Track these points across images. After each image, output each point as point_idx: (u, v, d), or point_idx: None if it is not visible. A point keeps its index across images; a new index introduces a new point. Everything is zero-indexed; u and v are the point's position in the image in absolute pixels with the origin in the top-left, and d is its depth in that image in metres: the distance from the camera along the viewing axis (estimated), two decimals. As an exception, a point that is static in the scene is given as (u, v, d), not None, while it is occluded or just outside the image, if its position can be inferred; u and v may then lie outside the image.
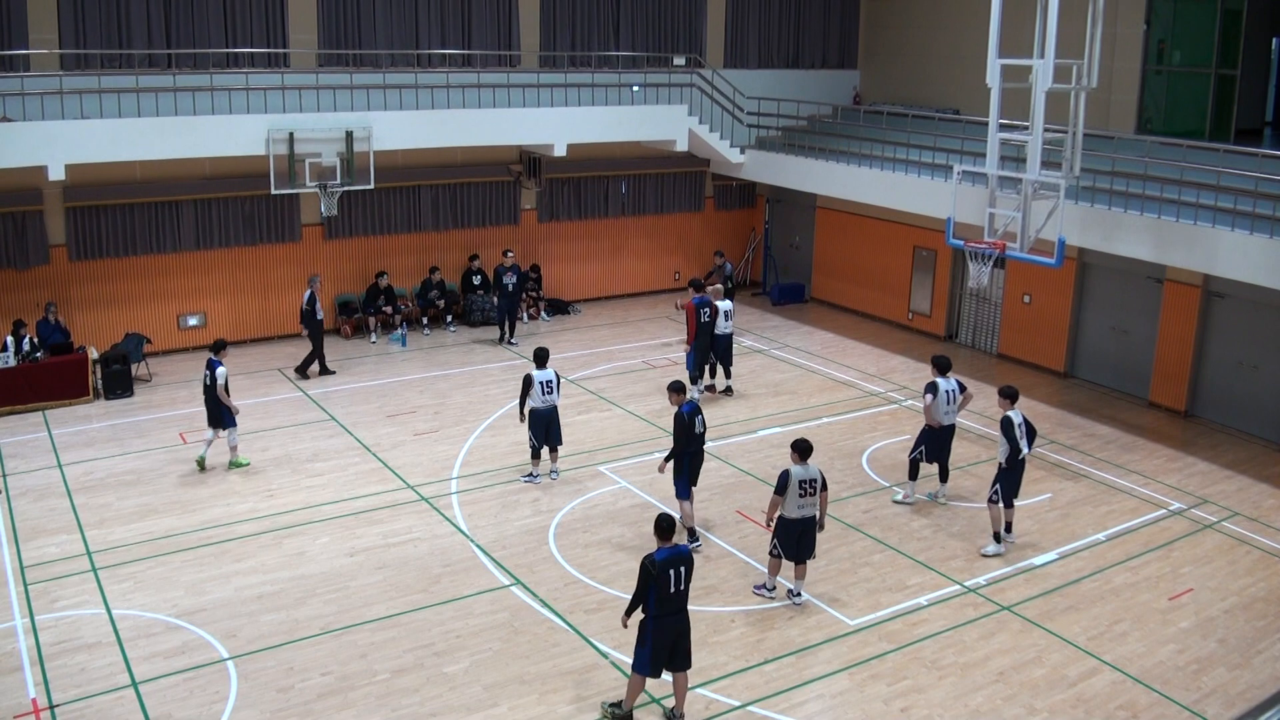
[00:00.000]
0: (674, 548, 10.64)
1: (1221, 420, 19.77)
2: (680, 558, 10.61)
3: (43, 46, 20.19)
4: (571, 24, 25.70)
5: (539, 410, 16.31)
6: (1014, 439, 14.31)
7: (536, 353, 16.65)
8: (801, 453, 12.99)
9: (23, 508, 15.58)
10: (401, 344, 23.57)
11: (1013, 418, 14.43)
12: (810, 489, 12.94)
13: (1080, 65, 17.57)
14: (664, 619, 10.61)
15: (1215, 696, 11.63)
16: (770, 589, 13.44)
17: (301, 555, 14.27)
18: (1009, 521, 14.76)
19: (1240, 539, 15.30)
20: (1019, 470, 14.55)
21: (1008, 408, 14.61)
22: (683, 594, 10.68)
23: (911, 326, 25.62)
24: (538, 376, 16.27)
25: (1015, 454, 14.38)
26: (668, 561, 10.49)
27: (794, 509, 12.91)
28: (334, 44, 22.94)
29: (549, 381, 16.31)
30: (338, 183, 21.34)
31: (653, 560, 10.47)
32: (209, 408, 16.81)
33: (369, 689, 11.45)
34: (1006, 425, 14.41)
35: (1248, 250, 17.07)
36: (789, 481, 12.84)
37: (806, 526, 13.07)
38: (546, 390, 16.27)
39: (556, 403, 16.46)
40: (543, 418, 16.37)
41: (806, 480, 12.91)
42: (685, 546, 10.87)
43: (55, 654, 11.96)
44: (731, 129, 27.14)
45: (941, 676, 11.90)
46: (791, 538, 13.04)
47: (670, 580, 10.48)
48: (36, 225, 20.87)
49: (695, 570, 13.81)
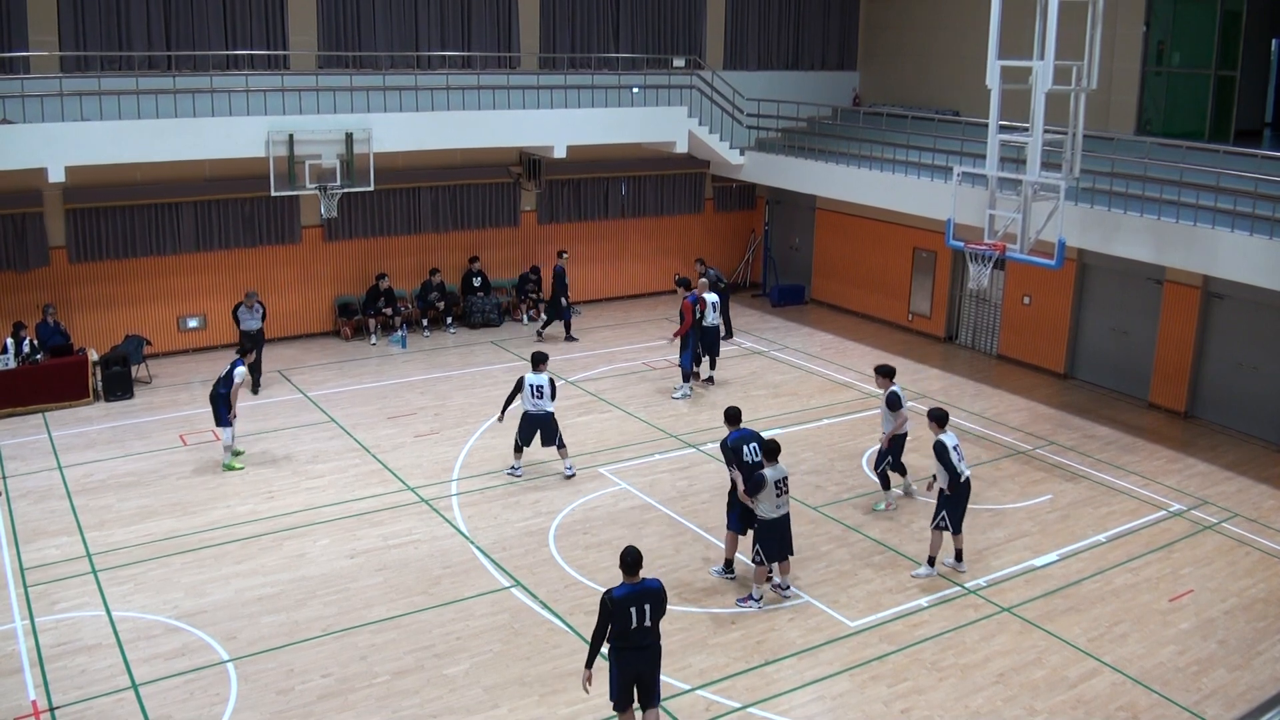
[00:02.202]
0: (639, 584, 9.95)
1: (1221, 421, 19.77)
2: (645, 594, 9.91)
3: (43, 48, 20.20)
4: (571, 25, 25.71)
5: (529, 413, 16.38)
6: (951, 464, 13.59)
7: (533, 356, 16.67)
8: (770, 454, 12.91)
9: (23, 509, 15.57)
10: (402, 346, 23.57)
11: (946, 441, 13.69)
12: (784, 487, 12.91)
13: (1080, 66, 17.57)
14: (625, 652, 9.98)
15: (1215, 698, 11.63)
16: (758, 599, 13.18)
17: (302, 557, 14.27)
18: (959, 549, 14.15)
19: (1240, 540, 15.30)
20: (964, 494, 13.81)
21: (938, 432, 13.86)
22: (647, 630, 9.96)
23: (911, 328, 25.62)
24: (529, 380, 16.32)
25: (956, 478, 13.64)
26: (628, 599, 9.83)
27: (772, 509, 12.85)
28: (334, 46, 22.95)
29: (539, 386, 16.32)
30: (338, 184, 21.33)
31: (610, 596, 9.83)
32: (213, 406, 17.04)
33: (369, 691, 11.45)
34: (940, 451, 13.65)
35: (1247, 251, 17.07)
36: (765, 483, 12.73)
37: (787, 524, 13.08)
38: (536, 394, 16.29)
39: (548, 409, 16.40)
40: (531, 421, 16.41)
41: (781, 479, 12.86)
42: (654, 582, 10.07)
43: (55, 656, 11.96)
44: (731, 130, 27.14)
45: (942, 678, 11.90)
46: (774, 538, 12.98)
47: (632, 617, 9.82)
48: (36, 227, 20.87)
49: (696, 573, 13.89)
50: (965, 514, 14.00)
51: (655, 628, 10.05)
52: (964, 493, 13.80)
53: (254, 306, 20.64)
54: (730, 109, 27.20)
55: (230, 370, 16.76)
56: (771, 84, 28.13)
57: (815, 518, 15.64)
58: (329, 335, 24.25)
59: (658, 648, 10.19)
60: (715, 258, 29.11)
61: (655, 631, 10.09)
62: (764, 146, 27.19)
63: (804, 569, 14.13)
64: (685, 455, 17.80)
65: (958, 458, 13.67)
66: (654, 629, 10.04)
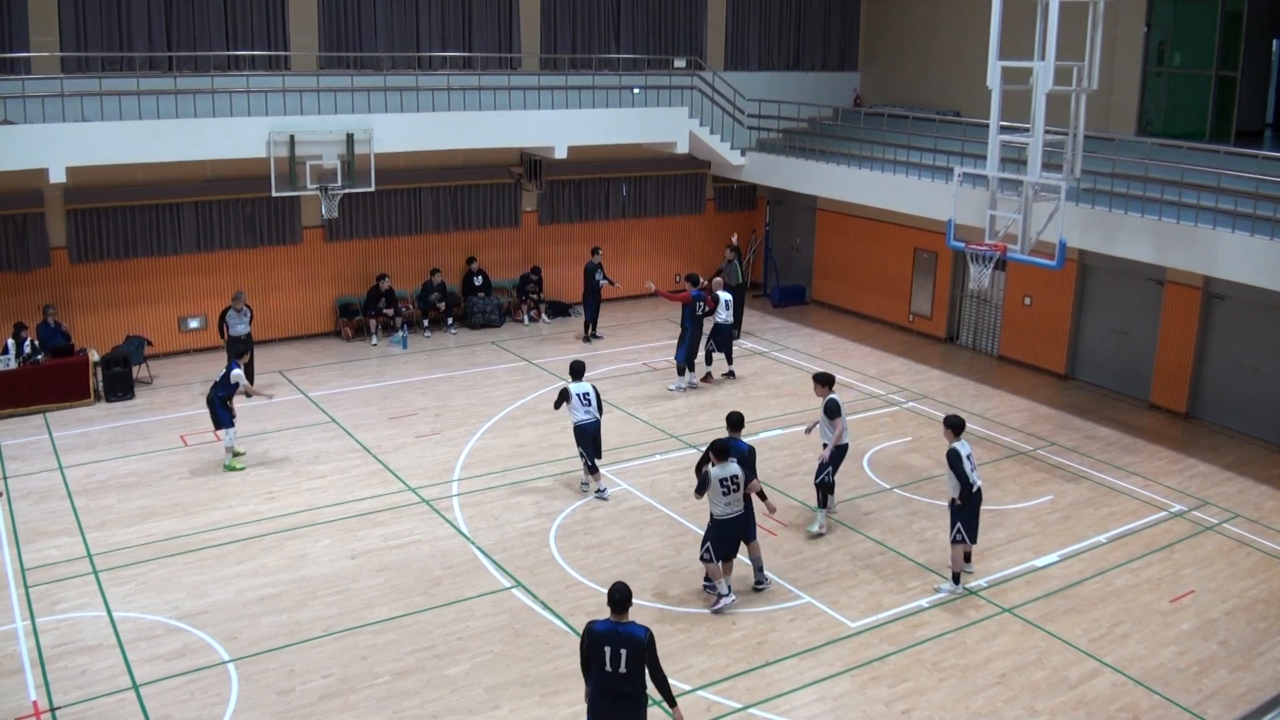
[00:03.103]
0: (620, 625, 9.13)
1: (1222, 422, 19.76)
2: (623, 638, 9.03)
3: (44, 49, 20.20)
4: (572, 26, 25.71)
5: (584, 425, 15.92)
6: (963, 473, 13.22)
7: (572, 366, 16.40)
8: (719, 453, 12.78)
9: (24, 510, 15.58)
10: (402, 346, 23.57)
11: (960, 450, 13.30)
12: (733, 485, 12.74)
13: (1081, 67, 17.58)
14: (599, 696, 9.20)
15: (1216, 698, 11.63)
16: (725, 593, 13.12)
17: (303, 557, 14.28)
18: (968, 553, 13.90)
19: (1241, 541, 15.29)
20: (977, 503, 13.52)
21: (953, 440, 13.43)
22: (621, 677, 9.03)
23: (912, 328, 25.62)
24: (574, 389, 16.02)
25: (968, 488, 13.31)
26: (606, 637, 9.05)
27: (721, 508, 12.76)
28: (335, 46, 22.96)
29: (586, 394, 15.98)
30: (338, 185, 21.33)
31: (590, 626, 9.19)
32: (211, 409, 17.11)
33: (370, 691, 11.46)
34: (954, 459, 13.28)
35: (1248, 252, 17.07)
36: (709, 482, 12.66)
37: (736, 525, 12.95)
38: (585, 403, 15.93)
39: (598, 418, 16.06)
40: (588, 432, 15.98)
41: (727, 478, 12.71)
42: (639, 629, 9.13)
43: (56, 656, 11.96)
44: (732, 131, 27.15)
45: (943, 678, 11.90)
46: (723, 538, 12.90)
47: (605, 657, 9.01)
48: (37, 228, 20.87)
49: (698, 574, 13.87)
50: (979, 523, 13.73)
51: (633, 677, 9.05)
52: (976, 502, 13.50)
53: (242, 310, 20.29)
54: (731, 109, 27.21)
55: (227, 373, 16.89)
56: (772, 84, 28.13)
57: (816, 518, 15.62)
58: (330, 336, 24.25)
59: (635, 701, 9.16)
60: (717, 259, 29.10)
61: (632, 681, 9.07)
62: (765, 147, 27.19)
63: (804, 569, 14.14)
64: (686, 456, 17.79)
65: (970, 466, 13.30)
66: (630, 677, 9.04)
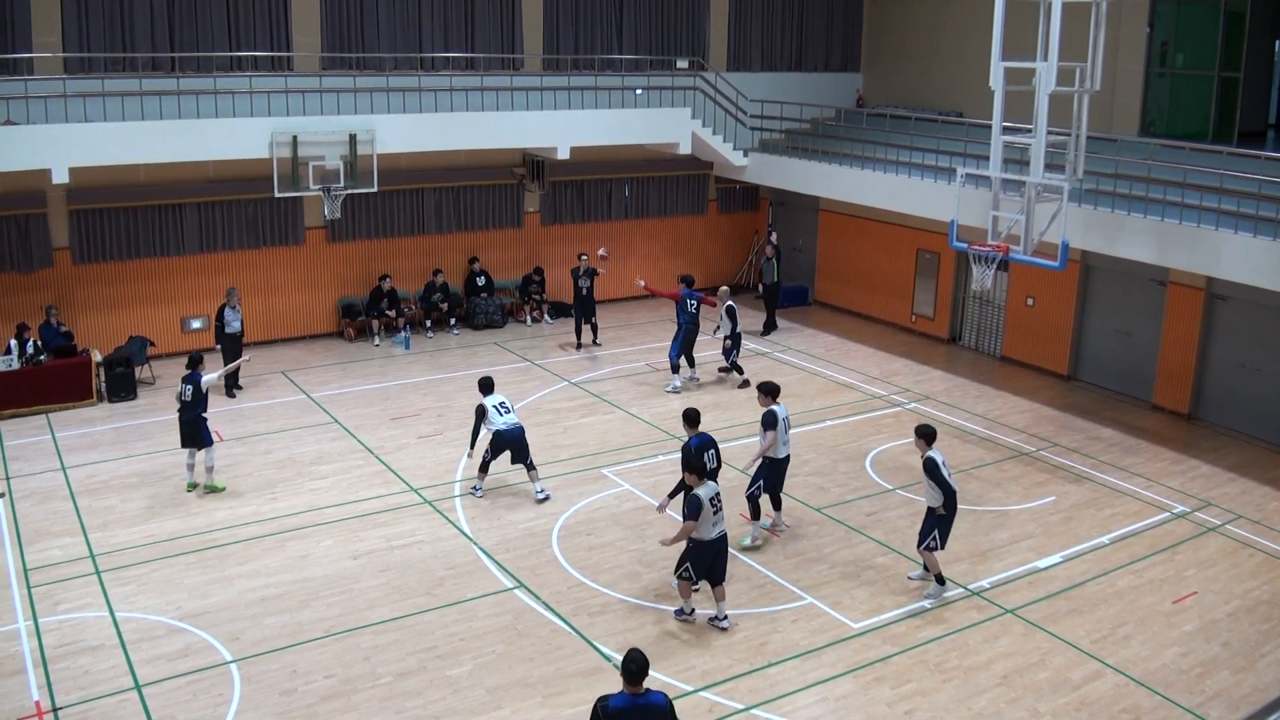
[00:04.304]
0: (638, 698, 8.48)
1: (1225, 423, 19.75)
2: (643, 712, 8.46)
3: (46, 50, 20.22)
4: (574, 27, 25.72)
5: (502, 433, 15.76)
6: (943, 480, 13.06)
7: (481, 382, 16.26)
8: (699, 472, 12.44)
9: (26, 510, 15.59)
10: (405, 347, 23.57)
11: (936, 458, 13.15)
12: (718, 503, 12.36)
13: (1083, 68, 17.56)
14: None
15: (1219, 700, 11.62)
16: (688, 612, 12.79)
17: (305, 558, 14.28)
18: None
19: (1244, 542, 15.28)
20: (954, 511, 13.36)
21: (925, 449, 13.25)
22: None
23: (915, 329, 25.61)
24: (489, 402, 15.95)
25: (951, 496, 13.16)
26: (624, 714, 8.40)
27: (709, 529, 12.30)
28: (337, 47, 22.97)
29: (503, 404, 15.97)
30: (341, 185, 21.35)
31: (605, 705, 8.46)
32: (184, 427, 16.01)
33: (372, 692, 11.46)
34: (931, 468, 13.09)
35: (1251, 253, 17.05)
36: (701, 504, 12.15)
37: (721, 547, 12.49)
38: (503, 410, 15.88)
39: (520, 424, 15.97)
40: (506, 440, 15.84)
41: (714, 496, 12.32)
42: (659, 697, 8.60)
43: (58, 656, 11.97)
44: (735, 132, 27.15)
45: (945, 679, 11.89)
46: (706, 560, 12.43)
47: None
48: (40, 228, 20.89)
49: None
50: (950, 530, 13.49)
51: None
52: (953, 508, 13.32)
53: (236, 306, 20.39)
54: (734, 110, 27.20)
55: (196, 385, 15.87)
56: (775, 85, 28.12)
57: (818, 519, 15.63)
58: (332, 336, 24.26)
59: None
60: (719, 259, 29.19)
61: None
62: (767, 148, 27.18)
63: (807, 570, 14.13)
64: (688, 456, 17.80)
65: (946, 473, 13.16)
66: None
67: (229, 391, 20.41)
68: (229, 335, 20.28)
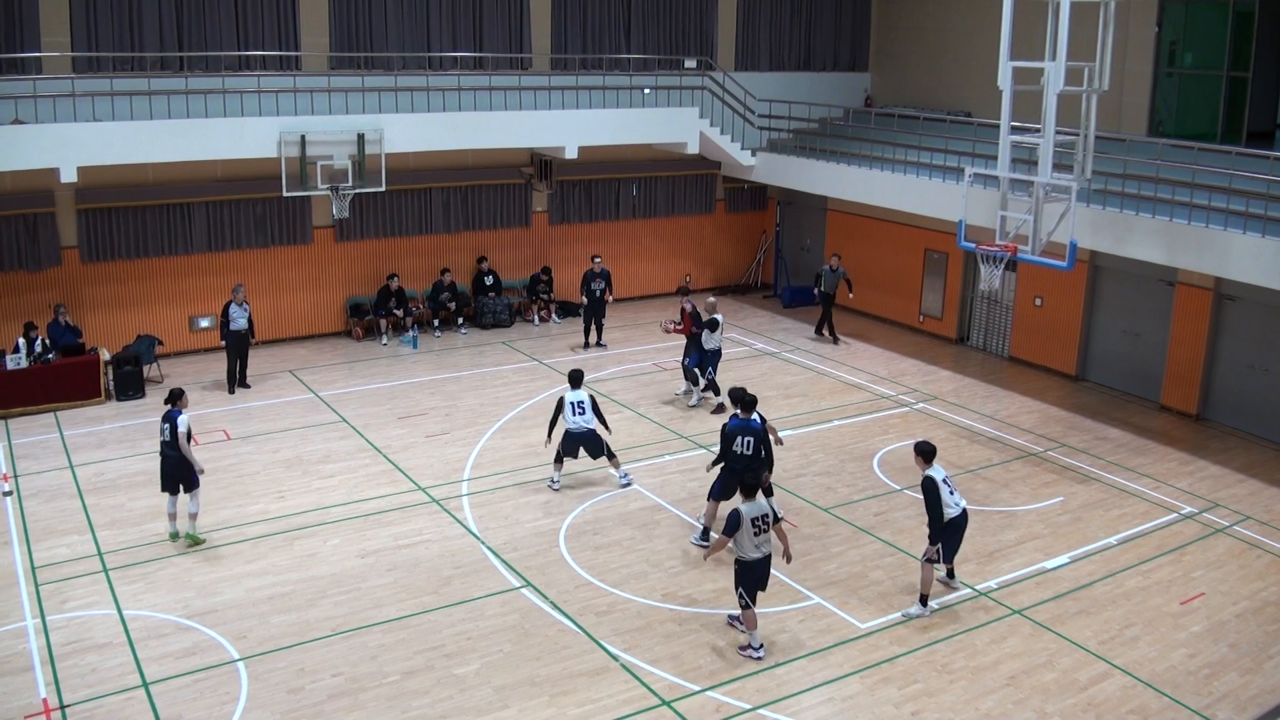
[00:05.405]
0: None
1: (1233, 424, 19.70)
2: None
3: (55, 49, 20.26)
4: (583, 26, 25.72)
5: (571, 432, 16.11)
6: (936, 505, 12.72)
7: (571, 374, 16.56)
8: (748, 490, 12.05)
9: (34, 508, 15.63)
10: (413, 346, 23.59)
11: (934, 476, 12.78)
12: (763, 524, 11.96)
13: (1092, 68, 17.53)
14: None
15: (1226, 701, 11.59)
16: (758, 646, 12.23)
17: (312, 557, 14.30)
18: (950, 569, 13.67)
19: (1252, 543, 15.24)
20: (962, 526, 13.05)
21: (925, 467, 12.87)
22: None
23: (923, 329, 25.58)
24: (569, 398, 16.17)
25: (939, 518, 12.81)
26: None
27: (751, 549, 11.91)
28: (346, 46, 22.99)
29: (580, 403, 16.16)
30: (349, 185, 21.38)
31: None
32: (167, 470, 14.52)
33: (379, 690, 11.47)
34: (930, 488, 12.75)
35: (1259, 253, 17.01)
36: (740, 520, 11.80)
37: (767, 567, 12.15)
38: (577, 411, 16.11)
39: (590, 426, 16.17)
40: (575, 439, 16.14)
41: (758, 516, 11.91)
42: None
43: (66, 654, 12.00)
44: (743, 131, 27.13)
45: (952, 680, 11.87)
46: (755, 580, 12.09)
47: None
48: (49, 227, 20.93)
49: (706, 574, 13.88)
50: (960, 546, 13.28)
51: None
52: (962, 525, 13.02)
53: (243, 304, 20.46)
54: (742, 110, 27.19)
55: (174, 425, 14.35)
56: (783, 85, 28.10)
57: (826, 519, 15.62)
58: (340, 335, 24.29)
59: None
60: (726, 259, 29.20)
61: None
62: (775, 147, 27.16)
63: (814, 570, 14.11)
64: (695, 456, 17.79)
65: (948, 490, 12.84)
66: None
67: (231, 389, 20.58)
68: (233, 332, 20.37)
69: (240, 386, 20.63)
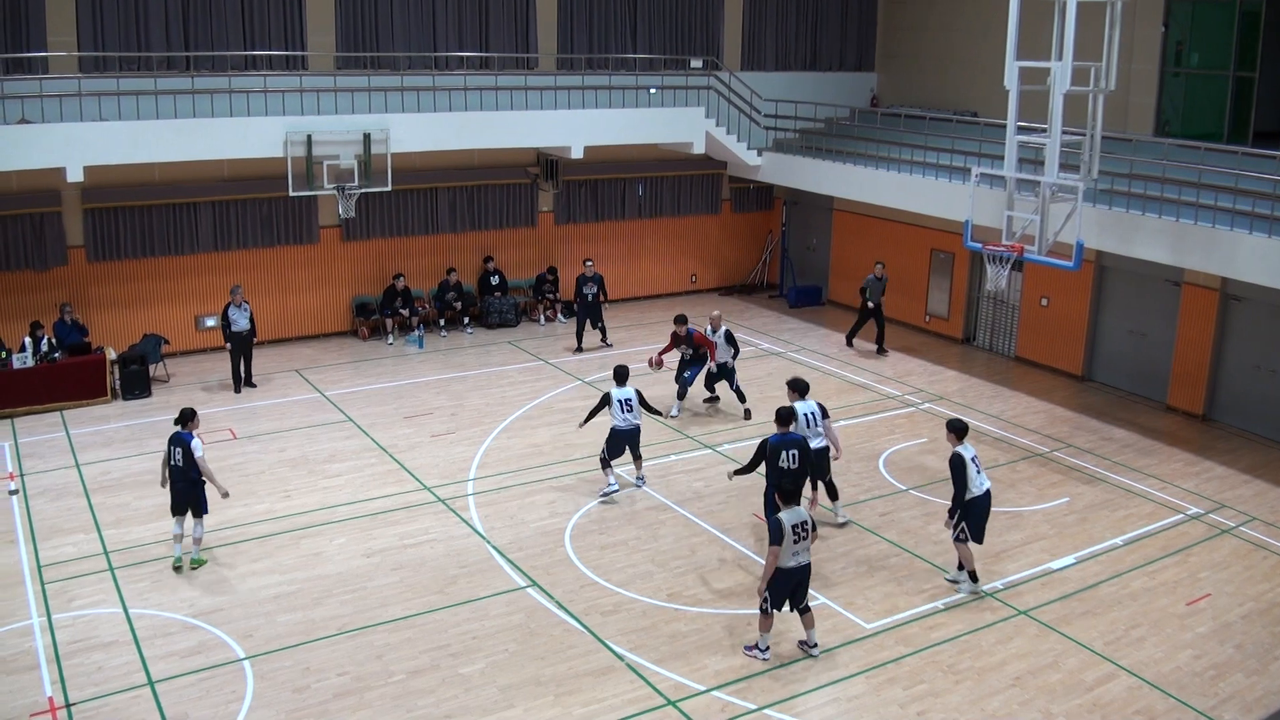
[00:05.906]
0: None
1: (1239, 424, 19.66)
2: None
3: (61, 49, 20.30)
4: (589, 26, 25.73)
5: (619, 430, 16.04)
6: (963, 481, 12.95)
7: (616, 371, 16.53)
8: (788, 496, 11.88)
9: (40, 507, 15.66)
10: (419, 346, 23.61)
11: (964, 454, 13.01)
12: (803, 532, 11.73)
13: (1098, 67, 17.50)
14: None
15: (1232, 702, 11.57)
16: (764, 649, 12.18)
17: (318, 556, 14.31)
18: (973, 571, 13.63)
19: (1258, 544, 15.21)
20: (986, 505, 13.22)
21: (956, 444, 13.11)
22: None
23: (929, 329, 25.56)
24: (616, 395, 16.10)
25: (962, 495, 13.04)
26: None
27: (788, 556, 11.71)
28: (352, 46, 23.01)
29: (628, 400, 16.09)
30: (355, 185, 21.39)
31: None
32: (178, 493, 13.84)
33: (385, 689, 11.48)
34: (958, 466, 12.97)
35: (1266, 253, 16.97)
36: (782, 530, 11.58)
37: (803, 577, 11.97)
38: (625, 409, 16.04)
39: (638, 423, 16.15)
40: (622, 437, 16.10)
41: (798, 524, 11.70)
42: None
43: (72, 653, 12.02)
44: (749, 131, 27.13)
45: (958, 681, 11.86)
46: (786, 589, 11.89)
47: None
48: (55, 226, 20.98)
49: (712, 574, 13.88)
50: (986, 524, 13.50)
51: None
52: (985, 504, 13.23)
53: (242, 304, 20.43)
54: (748, 110, 27.18)
55: (186, 449, 13.67)
56: (789, 85, 28.09)
57: (832, 519, 15.60)
58: (346, 335, 24.31)
59: None
60: (732, 259, 29.19)
61: None
62: (781, 147, 27.15)
63: (819, 570, 14.05)
64: (701, 456, 17.80)
65: (975, 469, 13.07)
66: None
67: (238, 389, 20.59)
68: (236, 334, 20.37)
69: (246, 386, 20.66)
